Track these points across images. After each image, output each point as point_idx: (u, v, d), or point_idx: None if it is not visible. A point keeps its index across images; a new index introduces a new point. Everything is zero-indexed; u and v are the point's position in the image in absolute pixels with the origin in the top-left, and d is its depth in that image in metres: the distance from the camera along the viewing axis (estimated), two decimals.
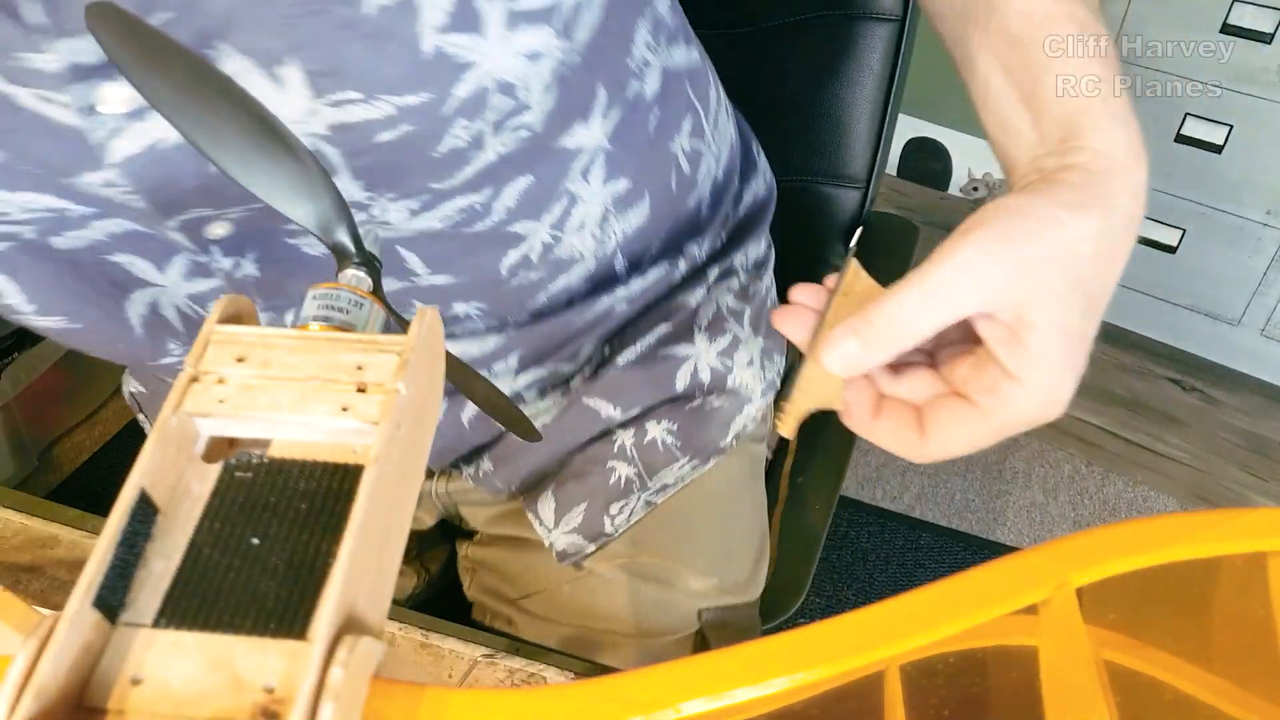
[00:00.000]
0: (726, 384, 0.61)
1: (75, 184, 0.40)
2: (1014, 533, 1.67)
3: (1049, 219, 0.36)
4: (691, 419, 0.60)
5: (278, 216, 0.39)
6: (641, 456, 0.60)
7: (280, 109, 0.38)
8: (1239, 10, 1.67)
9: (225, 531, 0.25)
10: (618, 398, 0.59)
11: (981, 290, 0.35)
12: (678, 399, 0.60)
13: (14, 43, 0.35)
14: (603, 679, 0.25)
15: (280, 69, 0.37)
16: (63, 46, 0.36)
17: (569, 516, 0.60)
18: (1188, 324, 1.98)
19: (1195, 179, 1.84)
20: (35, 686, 0.21)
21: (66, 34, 0.36)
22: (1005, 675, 0.30)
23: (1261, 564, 0.29)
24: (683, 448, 0.60)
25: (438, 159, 0.43)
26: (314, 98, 0.38)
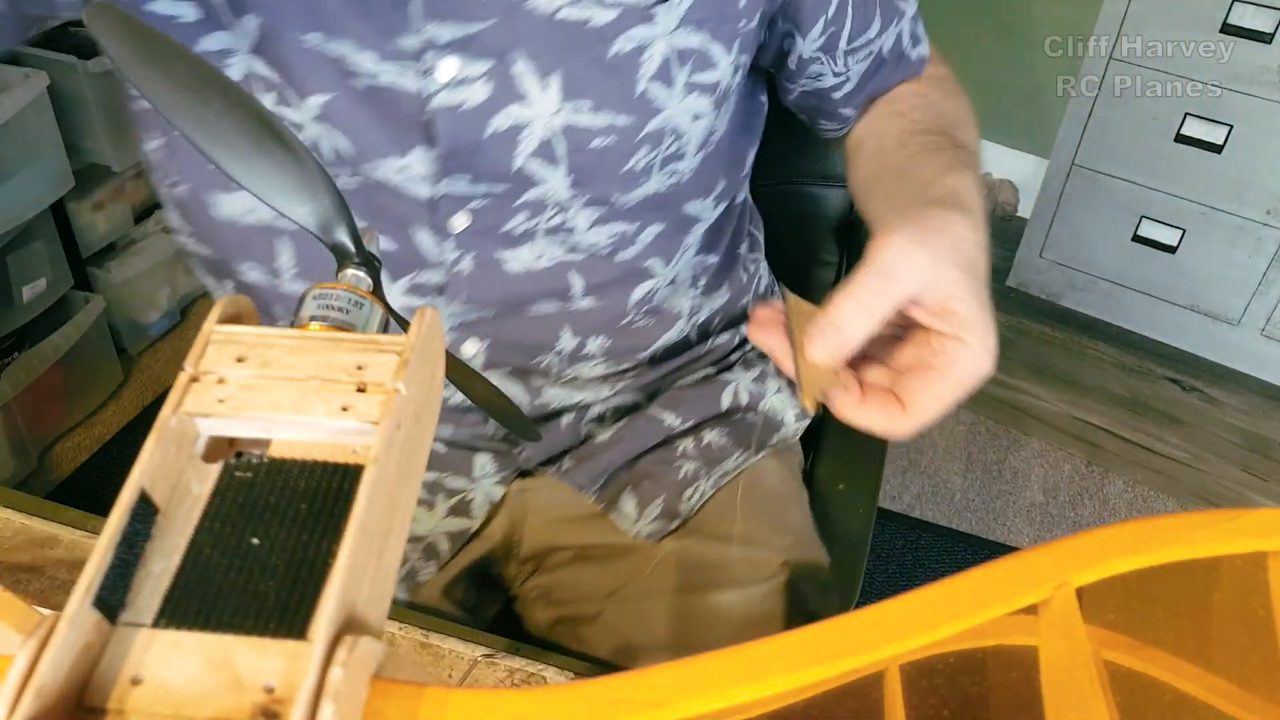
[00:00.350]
0: (760, 405, 0.75)
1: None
2: (1014, 533, 1.67)
3: (942, 219, 0.48)
4: (738, 428, 0.73)
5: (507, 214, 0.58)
6: (702, 454, 0.72)
7: (542, 105, 0.55)
8: (1239, 10, 1.67)
9: (225, 531, 0.25)
10: (678, 410, 0.72)
11: (913, 274, 0.45)
12: (724, 414, 0.74)
13: (400, 26, 0.51)
14: (603, 679, 0.25)
15: (548, 77, 0.54)
16: (429, 30, 0.51)
17: (649, 510, 0.70)
18: (1188, 324, 1.98)
19: (1195, 179, 1.84)
20: (35, 686, 0.21)
21: (435, 16, 0.51)
22: (1005, 675, 0.30)
23: (1261, 564, 0.29)
24: (734, 445, 0.73)
25: (623, 175, 0.59)
26: (562, 100, 0.55)
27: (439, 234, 0.59)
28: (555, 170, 0.57)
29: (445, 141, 0.55)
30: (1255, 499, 1.75)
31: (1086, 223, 2.00)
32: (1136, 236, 1.95)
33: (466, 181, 0.57)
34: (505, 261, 0.61)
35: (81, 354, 1.62)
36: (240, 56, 0.54)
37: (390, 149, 0.55)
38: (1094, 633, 0.27)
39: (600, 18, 0.54)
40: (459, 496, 0.70)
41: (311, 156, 0.34)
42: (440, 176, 0.56)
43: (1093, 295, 2.06)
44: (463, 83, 0.53)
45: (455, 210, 0.58)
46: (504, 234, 0.60)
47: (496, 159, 0.56)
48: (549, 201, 0.59)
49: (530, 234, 0.61)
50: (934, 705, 0.30)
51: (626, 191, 0.60)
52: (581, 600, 0.70)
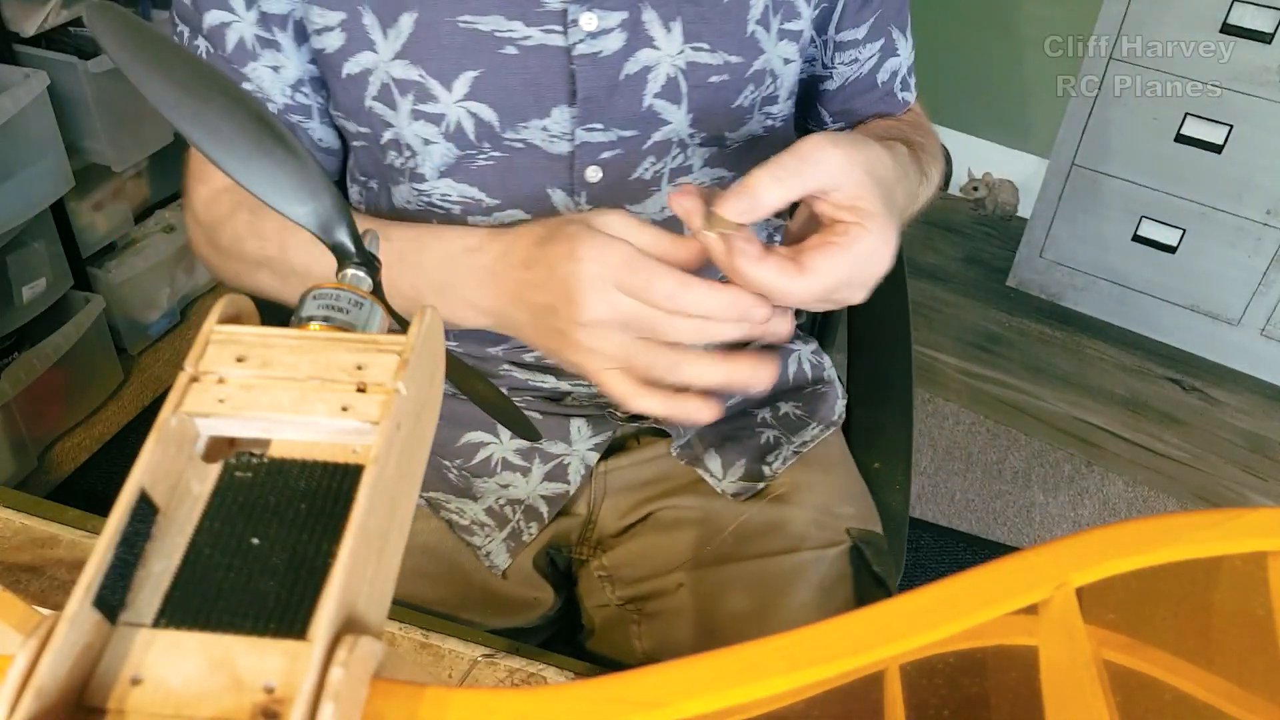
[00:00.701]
0: (824, 375, 0.82)
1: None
2: (1014, 533, 1.67)
3: (863, 140, 0.52)
4: (809, 399, 0.80)
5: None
6: (780, 423, 0.78)
7: (667, 47, 0.62)
8: (1239, 10, 1.67)
9: (225, 531, 0.25)
10: None
11: (826, 164, 0.49)
12: (795, 388, 0.80)
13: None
14: (603, 679, 0.25)
15: (671, 22, 0.62)
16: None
17: (733, 470, 0.75)
18: (1188, 324, 1.98)
19: (1195, 179, 1.84)
20: (35, 686, 0.21)
21: None
22: (1005, 675, 0.30)
23: (1261, 564, 0.29)
24: (808, 417, 0.79)
25: (733, 110, 0.66)
26: (683, 42, 0.63)
27: (572, 192, 0.65)
28: (678, 109, 0.64)
29: (585, 88, 0.62)
30: (1255, 499, 1.75)
31: (1086, 223, 2.00)
32: (1136, 236, 1.95)
33: (600, 130, 0.63)
34: (635, 214, 0.64)
35: (81, 354, 1.62)
36: (379, 72, 0.61)
37: (533, 111, 0.62)
38: (1094, 633, 0.27)
39: None
40: (555, 461, 0.73)
41: (311, 156, 0.34)
42: (576, 128, 0.63)
43: (1093, 295, 2.06)
44: (601, 33, 0.61)
45: (589, 162, 0.64)
46: (633, 182, 0.66)
47: (628, 101, 0.63)
48: (673, 141, 0.66)
49: (656, 180, 0.67)
50: (934, 705, 0.30)
51: (735, 129, 0.67)
52: (657, 573, 0.73)
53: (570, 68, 0.61)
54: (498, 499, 0.72)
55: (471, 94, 0.61)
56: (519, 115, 0.62)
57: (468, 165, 0.64)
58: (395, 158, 0.65)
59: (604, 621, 0.75)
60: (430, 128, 0.62)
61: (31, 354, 1.52)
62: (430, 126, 0.62)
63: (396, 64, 0.61)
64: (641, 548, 0.75)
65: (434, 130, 0.63)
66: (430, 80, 0.61)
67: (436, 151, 0.64)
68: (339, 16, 0.60)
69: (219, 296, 0.29)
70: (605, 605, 0.75)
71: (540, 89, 0.62)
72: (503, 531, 0.71)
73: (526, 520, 0.72)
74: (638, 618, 0.73)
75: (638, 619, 0.73)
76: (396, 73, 0.61)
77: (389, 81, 0.61)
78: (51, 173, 1.50)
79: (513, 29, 0.60)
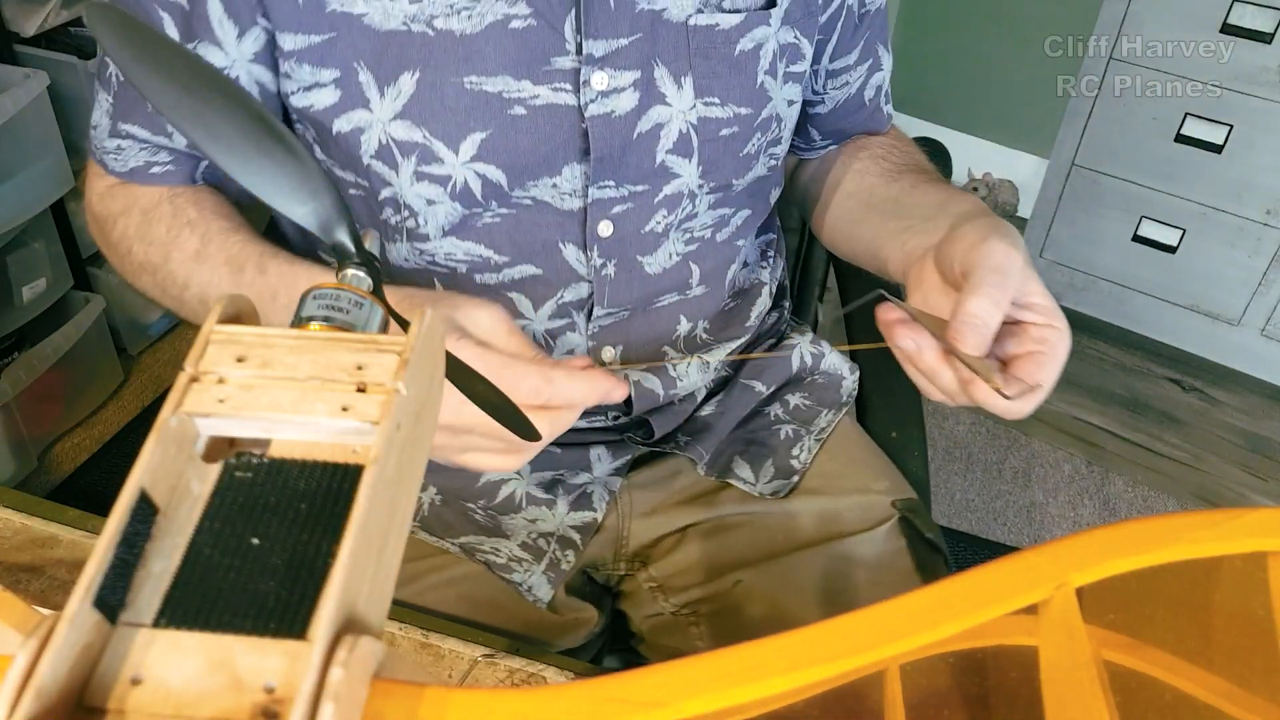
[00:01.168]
0: (822, 365, 0.83)
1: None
2: (1014, 533, 1.67)
3: (1008, 226, 0.55)
4: (813, 389, 0.82)
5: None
6: (793, 416, 0.80)
7: (679, 104, 0.62)
8: (1239, 10, 1.67)
9: (225, 531, 0.25)
10: (761, 378, 0.80)
11: (1016, 271, 0.52)
12: (797, 378, 0.82)
13: (555, 48, 0.58)
14: (603, 679, 0.25)
15: (683, 78, 0.62)
16: (585, 47, 0.58)
17: (764, 471, 0.76)
18: (1188, 324, 1.98)
19: (1195, 179, 1.84)
20: (35, 686, 0.21)
21: (590, 36, 0.58)
22: (1005, 675, 0.30)
23: (1261, 564, 0.29)
24: (818, 405, 0.81)
25: (740, 159, 0.67)
26: (695, 98, 0.63)
27: (585, 246, 0.65)
28: (689, 162, 0.65)
29: (598, 148, 0.61)
30: (1255, 499, 1.75)
31: (1086, 223, 2.00)
32: (1136, 236, 1.95)
33: (612, 187, 0.63)
34: (645, 265, 0.68)
35: (81, 354, 1.62)
36: (376, 129, 0.59)
37: (543, 170, 0.61)
38: (1094, 633, 0.27)
39: (727, 22, 0.62)
40: (579, 490, 0.73)
41: (311, 156, 0.34)
42: (588, 186, 0.63)
43: (1093, 295, 2.06)
44: (613, 92, 0.60)
45: (601, 217, 0.64)
46: (645, 234, 0.66)
47: (641, 158, 0.63)
48: (683, 193, 0.66)
49: (666, 231, 0.67)
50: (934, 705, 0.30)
51: (742, 175, 0.68)
52: (712, 578, 0.73)
53: (582, 126, 0.60)
54: (529, 533, 0.72)
55: (479, 155, 0.60)
56: (529, 175, 0.61)
57: (473, 223, 0.63)
58: (392, 215, 0.63)
59: (656, 628, 0.75)
60: (434, 188, 0.61)
61: (31, 354, 1.52)
62: (434, 187, 0.61)
63: (397, 124, 0.59)
64: (690, 556, 0.75)
65: (438, 190, 0.61)
66: (435, 142, 0.59)
67: (441, 211, 0.62)
68: (331, 74, 0.58)
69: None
70: (658, 614, 0.75)
71: (551, 148, 0.61)
72: (540, 564, 0.71)
73: (562, 549, 0.72)
74: (695, 619, 0.73)
75: (695, 620, 0.73)
76: (398, 134, 0.59)
77: (389, 142, 0.59)
78: (51, 173, 1.50)
79: (521, 89, 0.58)
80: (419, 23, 0.57)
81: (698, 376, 0.75)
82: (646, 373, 0.72)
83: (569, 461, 0.73)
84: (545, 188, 0.62)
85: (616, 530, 0.76)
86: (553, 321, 0.68)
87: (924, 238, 0.63)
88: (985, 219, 0.57)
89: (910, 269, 0.62)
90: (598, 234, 0.65)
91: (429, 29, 0.57)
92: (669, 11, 0.60)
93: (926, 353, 0.54)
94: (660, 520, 0.76)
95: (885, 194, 0.72)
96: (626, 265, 0.67)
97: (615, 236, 0.66)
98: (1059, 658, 0.27)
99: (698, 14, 0.61)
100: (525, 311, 0.67)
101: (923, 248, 0.62)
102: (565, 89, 0.59)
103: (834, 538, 0.73)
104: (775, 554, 0.73)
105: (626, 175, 0.63)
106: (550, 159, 0.61)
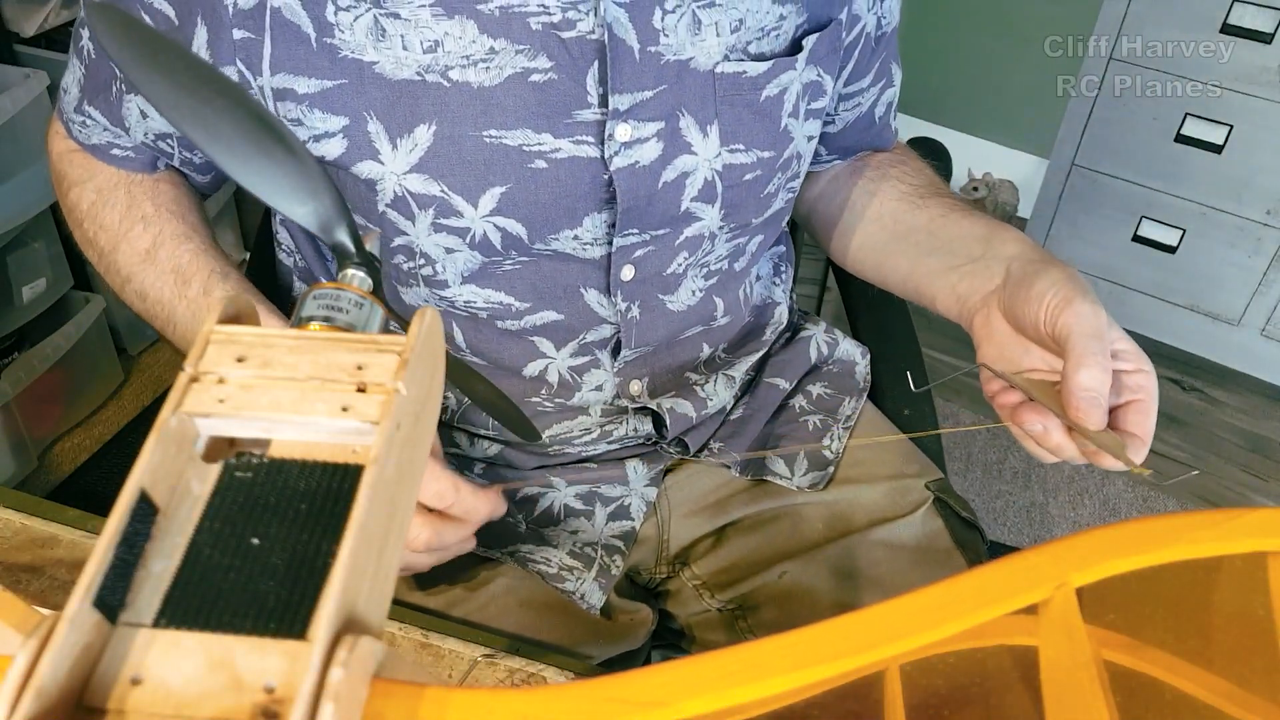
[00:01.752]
0: (837, 352, 0.85)
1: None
2: (1014, 533, 1.67)
3: (1080, 278, 0.57)
4: (832, 378, 0.83)
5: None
6: (817, 406, 0.81)
7: (704, 152, 0.62)
8: (1239, 10, 1.67)
9: (225, 531, 0.25)
10: (783, 374, 0.81)
11: (1106, 329, 0.53)
12: (815, 369, 0.83)
13: (577, 101, 0.57)
14: (603, 679, 0.25)
15: (709, 126, 0.61)
16: (609, 101, 0.57)
17: (797, 465, 0.77)
18: (1188, 324, 1.98)
19: (1195, 179, 1.84)
20: (35, 686, 0.21)
21: (616, 90, 0.57)
22: (1005, 675, 0.30)
23: (1261, 564, 0.29)
24: (840, 392, 0.82)
25: (761, 198, 0.67)
26: (720, 145, 0.62)
27: (607, 291, 0.65)
28: (712, 207, 0.64)
29: (625, 199, 0.60)
30: (1255, 499, 1.75)
31: (1086, 223, 2.00)
32: (1136, 236, 1.95)
33: (635, 234, 0.63)
34: (667, 303, 0.69)
35: (81, 354, 1.62)
36: (391, 181, 0.57)
37: (564, 222, 0.60)
38: (1094, 633, 0.27)
39: (754, 69, 0.61)
40: (616, 502, 0.74)
41: (311, 156, 0.34)
42: (612, 235, 0.62)
43: None
44: (636, 142, 0.59)
45: (624, 262, 0.64)
46: (665, 276, 0.67)
47: (666, 206, 0.62)
48: (704, 235, 0.66)
49: (686, 271, 0.68)
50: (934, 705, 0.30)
51: (762, 214, 0.68)
52: (756, 572, 0.74)
53: (604, 178, 0.59)
54: (574, 543, 0.73)
55: (499, 209, 0.59)
56: (550, 227, 0.60)
57: (493, 270, 0.62)
58: (405, 261, 0.62)
59: (703, 624, 0.76)
60: (453, 239, 0.60)
61: (31, 354, 1.52)
62: (453, 238, 0.60)
63: (414, 177, 0.57)
64: (732, 554, 0.76)
65: (457, 240, 0.60)
66: (454, 196, 0.58)
67: (460, 259, 0.61)
68: (340, 122, 0.56)
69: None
70: (704, 612, 0.76)
71: (573, 200, 0.60)
72: (591, 571, 0.71)
73: (609, 555, 0.73)
74: (742, 613, 0.74)
75: (742, 614, 0.74)
76: (414, 186, 0.58)
77: (404, 194, 0.58)
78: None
79: (542, 142, 0.57)
80: (433, 73, 0.55)
81: (725, 393, 0.76)
82: (678, 399, 0.73)
83: (605, 476, 0.74)
84: (566, 239, 0.61)
85: (657, 535, 0.77)
86: (575, 359, 0.68)
87: (977, 281, 0.63)
88: (1053, 272, 0.57)
89: (974, 319, 0.63)
90: (620, 279, 0.65)
91: (444, 80, 0.55)
92: (696, 60, 0.59)
93: (1054, 433, 0.55)
94: (699, 521, 0.77)
95: (913, 222, 0.72)
96: (650, 306, 0.67)
97: (637, 279, 0.65)
98: (1059, 658, 0.27)
99: (724, 61, 0.60)
100: (547, 351, 0.68)
101: (980, 293, 0.63)
102: (588, 141, 0.58)
103: (875, 524, 0.74)
104: (817, 544, 0.74)
105: (650, 223, 0.63)
106: (571, 211, 0.60)
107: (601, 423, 0.72)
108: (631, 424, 0.73)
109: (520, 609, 0.70)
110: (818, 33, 0.63)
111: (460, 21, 0.54)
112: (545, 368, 0.68)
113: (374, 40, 0.54)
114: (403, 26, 0.54)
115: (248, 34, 0.54)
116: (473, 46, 0.55)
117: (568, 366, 0.68)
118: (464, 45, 0.55)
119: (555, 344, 0.67)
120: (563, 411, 0.71)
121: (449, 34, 0.54)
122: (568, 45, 0.55)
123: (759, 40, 0.61)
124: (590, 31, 0.55)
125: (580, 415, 0.71)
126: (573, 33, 0.55)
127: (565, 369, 0.68)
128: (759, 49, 0.61)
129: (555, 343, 0.67)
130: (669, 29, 0.57)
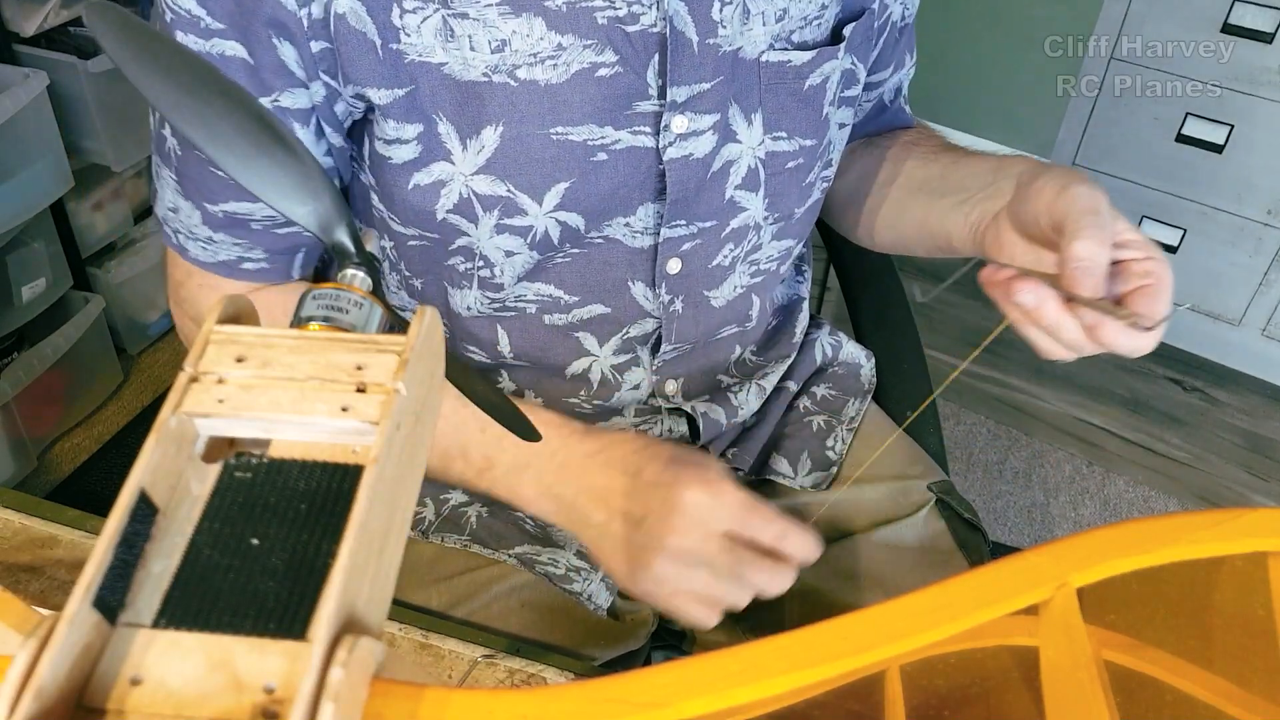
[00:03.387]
0: (841, 355, 0.85)
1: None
2: (1014, 533, 1.67)
3: (1079, 174, 0.56)
4: (836, 379, 0.83)
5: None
6: (821, 406, 0.81)
7: (749, 140, 0.62)
8: (1239, 10, 1.67)
9: (225, 531, 0.25)
10: (793, 376, 0.81)
11: (1106, 210, 0.53)
12: (821, 370, 0.84)
13: (638, 94, 0.57)
14: (603, 679, 0.25)
15: (753, 114, 0.62)
16: (668, 93, 0.57)
17: (800, 464, 0.77)
18: (1188, 324, 1.98)
19: (1195, 179, 1.83)
20: (35, 686, 0.21)
21: (675, 83, 0.57)
22: (1005, 675, 0.30)
23: (1261, 564, 0.29)
24: (844, 393, 0.82)
25: (803, 188, 0.67)
26: (764, 133, 0.63)
27: (654, 284, 0.65)
28: (755, 196, 0.65)
29: (674, 190, 0.61)
30: (1255, 499, 1.75)
31: None
32: None
33: (683, 225, 0.63)
34: (711, 299, 0.69)
35: (81, 354, 1.62)
36: (456, 184, 0.58)
37: (619, 210, 0.61)
38: (1094, 633, 0.27)
39: (799, 58, 0.62)
40: None
41: (311, 156, 0.34)
42: (660, 226, 0.63)
43: None
44: (692, 135, 0.59)
45: (670, 255, 0.64)
46: (711, 270, 0.67)
47: (712, 195, 0.63)
48: (749, 226, 0.66)
49: (732, 265, 0.68)
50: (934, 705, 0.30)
51: (803, 203, 0.68)
52: None
53: (659, 168, 0.60)
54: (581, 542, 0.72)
55: (562, 204, 0.59)
56: (605, 216, 0.61)
57: (546, 264, 0.63)
58: (461, 263, 0.62)
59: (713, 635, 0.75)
60: (515, 240, 0.60)
61: (31, 354, 1.52)
62: (515, 239, 0.60)
63: (480, 179, 0.57)
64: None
65: (519, 242, 0.60)
66: (520, 195, 0.58)
67: (519, 261, 0.62)
68: (416, 129, 0.56)
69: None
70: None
71: (629, 190, 0.60)
72: (598, 571, 0.70)
73: None
74: (743, 613, 0.74)
75: (743, 614, 0.74)
76: (480, 188, 0.58)
77: (470, 196, 0.58)
78: (51, 173, 1.50)
79: (604, 135, 0.58)
80: (500, 73, 0.55)
81: (756, 401, 0.77)
82: (711, 404, 0.73)
83: None
84: (619, 226, 0.62)
85: None
86: (617, 357, 0.69)
87: (988, 204, 0.62)
88: (1054, 170, 0.56)
89: (984, 237, 0.61)
90: (666, 271, 0.65)
91: (511, 79, 0.55)
92: (744, 50, 0.59)
93: (1049, 305, 0.52)
94: None
95: (926, 174, 0.72)
96: (694, 300, 0.68)
97: (683, 273, 0.66)
98: (1059, 658, 0.27)
99: (770, 50, 0.60)
100: (591, 349, 0.68)
101: (990, 214, 0.62)
102: (645, 131, 0.58)
103: (878, 525, 0.75)
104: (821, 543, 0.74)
105: (698, 214, 0.63)
106: (627, 200, 0.61)
107: (635, 423, 0.72)
108: (666, 425, 0.73)
109: (521, 610, 0.70)
110: (854, 21, 0.64)
111: (528, 19, 0.54)
112: (589, 366, 0.68)
113: (443, 41, 0.54)
114: (470, 26, 0.54)
115: (324, 44, 0.54)
116: (540, 43, 0.55)
117: (610, 365, 0.69)
118: (531, 43, 0.55)
119: (599, 339, 0.67)
120: (599, 413, 0.71)
121: (516, 32, 0.54)
122: (631, 39, 0.56)
123: (802, 29, 0.62)
124: (653, 25, 0.56)
125: (615, 417, 0.72)
126: (636, 26, 0.56)
127: (608, 367, 0.69)
128: (801, 37, 0.62)
129: (599, 338, 0.67)
130: (726, 20, 0.58)
